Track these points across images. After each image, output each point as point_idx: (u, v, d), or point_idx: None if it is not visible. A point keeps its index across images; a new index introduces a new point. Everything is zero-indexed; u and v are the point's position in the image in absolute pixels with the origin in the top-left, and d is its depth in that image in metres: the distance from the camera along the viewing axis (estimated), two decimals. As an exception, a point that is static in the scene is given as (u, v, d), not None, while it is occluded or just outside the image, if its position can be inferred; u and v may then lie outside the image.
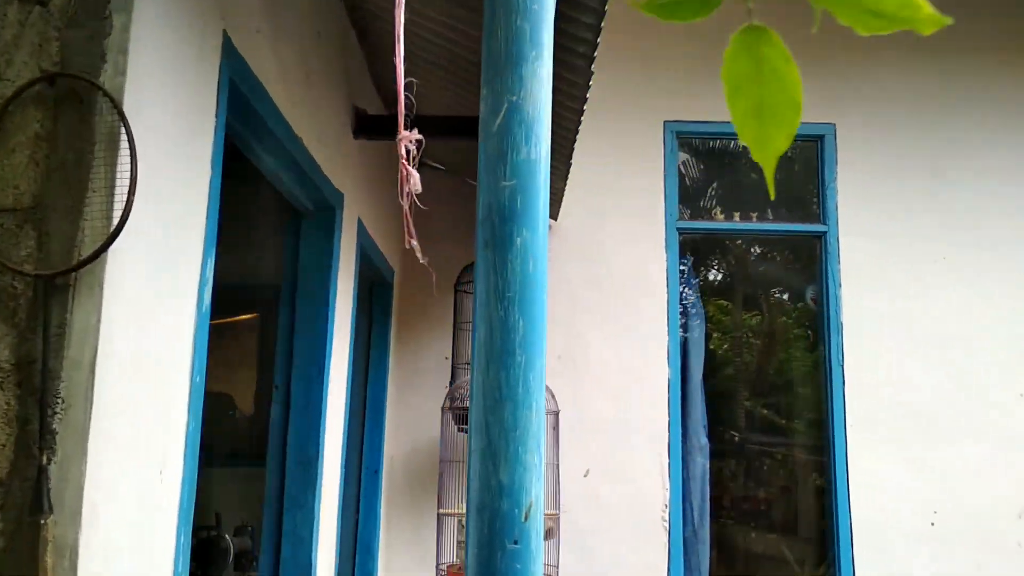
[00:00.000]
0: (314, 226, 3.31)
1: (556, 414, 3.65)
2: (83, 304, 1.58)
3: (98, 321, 1.57)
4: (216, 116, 2.11)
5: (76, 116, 1.64)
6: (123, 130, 1.62)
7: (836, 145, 5.07)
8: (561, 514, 3.52)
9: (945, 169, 5.04)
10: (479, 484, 0.92)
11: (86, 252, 1.58)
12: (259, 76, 2.42)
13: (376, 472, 4.36)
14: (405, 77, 1.88)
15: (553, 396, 3.66)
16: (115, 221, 1.60)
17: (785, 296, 5.32)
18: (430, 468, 4.80)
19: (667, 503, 4.78)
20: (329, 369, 3.24)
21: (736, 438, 5.28)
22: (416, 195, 1.83)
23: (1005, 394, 4.83)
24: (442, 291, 5.01)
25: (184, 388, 1.97)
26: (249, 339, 4.76)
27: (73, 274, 1.58)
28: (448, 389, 4.51)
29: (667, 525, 4.76)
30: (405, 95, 1.87)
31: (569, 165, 3.90)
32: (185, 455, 1.96)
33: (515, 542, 0.91)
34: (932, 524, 4.74)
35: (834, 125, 5.08)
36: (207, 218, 2.08)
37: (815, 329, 5.23)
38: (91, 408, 1.54)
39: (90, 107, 1.64)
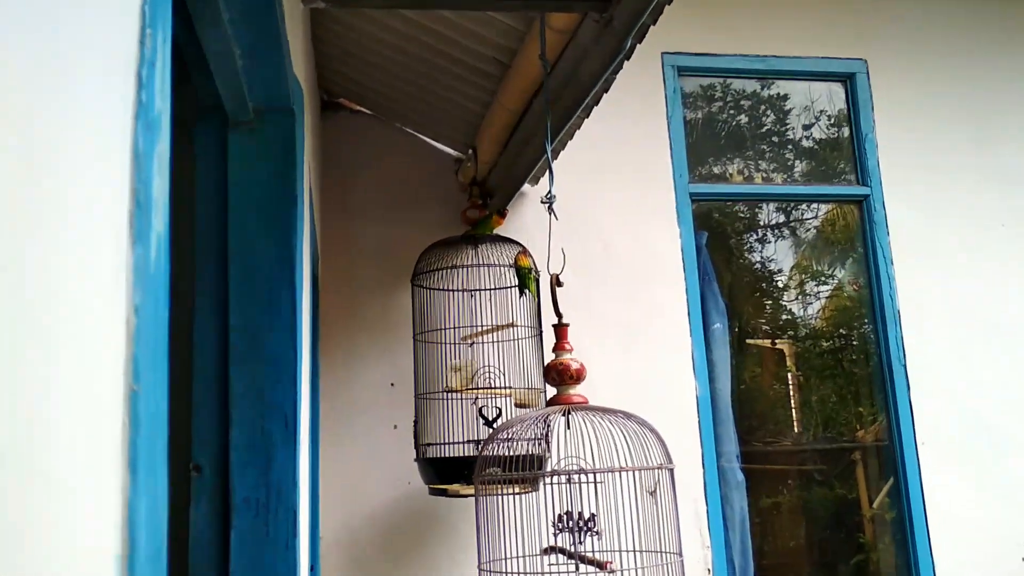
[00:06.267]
0: (257, 143, 1.73)
1: (671, 471, 2.15)
2: None
3: None
4: None
5: None
6: None
7: (870, 86, 3.99)
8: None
9: (1003, 112, 4.08)
10: None
11: None
12: None
13: (312, 569, 2.75)
14: None
15: (661, 440, 2.18)
16: None
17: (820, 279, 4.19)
18: (376, 559, 3.23)
19: (710, 567, 3.47)
20: (299, 426, 1.67)
21: (772, 465, 4.07)
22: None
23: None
24: (377, 290, 3.48)
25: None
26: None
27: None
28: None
29: (712, 597, 3.46)
30: None
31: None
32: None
33: None
34: (1025, 560, 3.73)
35: (865, 61, 4.01)
36: None
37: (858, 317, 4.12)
38: None
39: None
